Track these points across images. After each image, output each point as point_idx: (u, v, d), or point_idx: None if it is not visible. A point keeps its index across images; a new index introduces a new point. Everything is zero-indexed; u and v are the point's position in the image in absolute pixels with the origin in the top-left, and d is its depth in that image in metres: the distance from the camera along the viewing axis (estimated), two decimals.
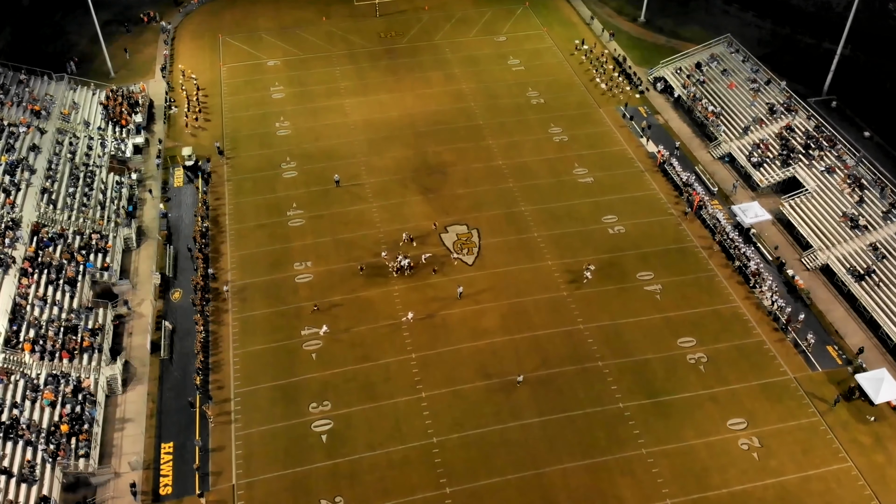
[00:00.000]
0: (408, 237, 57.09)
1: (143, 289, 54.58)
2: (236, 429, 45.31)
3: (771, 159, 63.09)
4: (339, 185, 62.52)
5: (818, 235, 56.35)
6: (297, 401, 46.63)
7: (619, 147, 68.45)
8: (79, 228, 56.94)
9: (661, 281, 54.54)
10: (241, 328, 51.31)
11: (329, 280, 54.46)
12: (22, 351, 47.06)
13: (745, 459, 43.22)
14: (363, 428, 44.97)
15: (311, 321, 51.29)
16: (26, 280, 51.16)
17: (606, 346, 49.59)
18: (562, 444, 43.84)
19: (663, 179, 64.47)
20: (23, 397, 44.75)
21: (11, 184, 57.42)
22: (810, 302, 52.83)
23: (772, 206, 60.76)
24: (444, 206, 61.05)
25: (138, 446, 44.64)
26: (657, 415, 45.46)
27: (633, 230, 59.16)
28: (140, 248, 58.12)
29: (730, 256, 56.25)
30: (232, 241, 57.97)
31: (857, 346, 49.59)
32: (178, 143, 67.68)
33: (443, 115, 72.08)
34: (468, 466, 42.83)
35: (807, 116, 64.81)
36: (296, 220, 59.96)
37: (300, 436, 44.74)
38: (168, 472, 43.22)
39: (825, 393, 46.97)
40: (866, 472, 42.68)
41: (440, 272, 54.69)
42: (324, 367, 48.53)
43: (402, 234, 57.34)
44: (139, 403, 47.20)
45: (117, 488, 42.51)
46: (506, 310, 52.07)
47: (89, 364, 48.19)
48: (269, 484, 42.44)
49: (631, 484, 41.89)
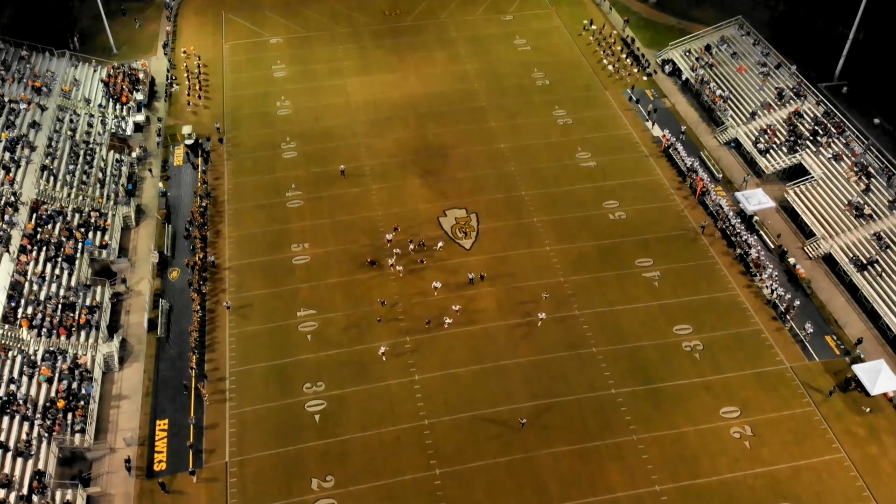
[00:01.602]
0: (416, 244, 55.06)
1: (142, 267, 54.79)
2: (230, 407, 45.62)
3: (777, 145, 62.09)
4: (345, 174, 61.69)
5: (822, 224, 55.55)
6: (292, 381, 46.82)
7: (623, 131, 67.61)
8: (78, 206, 57.15)
9: (660, 268, 54.05)
10: (237, 308, 51.47)
11: (326, 262, 54.37)
12: (20, 327, 47.47)
13: (736, 448, 43.01)
14: (356, 409, 45.12)
15: (305, 303, 51.38)
16: (25, 257, 51.50)
17: (601, 333, 49.31)
18: (553, 428, 43.79)
19: (667, 164, 63.68)
20: (20, 373, 45.20)
21: (11, 160, 57.58)
22: (811, 291, 52.23)
23: (777, 193, 59.89)
24: (443, 190, 60.64)
25: (134, 423, 45.09)
26: (649, 402, 45.26)
27: (635, 216, 58.56)
28: (139, 227, 58.29)
29: (731, 244, 55.61)
30: (230, 221, 57.98)
31: (856, 336, 49.04)
32: (178, 121, 67.60)
33: (445, 95, 71.43)
34: (458, 449, 42.94)
35: (816, 102, 63.65)
36: (294, 201, 59.83)
37: (293, 415, 44.98)
38: (163, 448, 43.62)
39: (821, 383, 46.55)
40: (859, 464, 42.36)
41: (441, 254, 54.37)
42: (318, 348, 48.64)
43: (409, 245, 55.12)
44: (135, 381, 47.60)
45: (112, 464, 43.01)
46: (502, 295, 51.85)
47: (86, 341, 48.58)
48: (261, 462, 42.76)
49: (620, 469, 41.85)
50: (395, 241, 55.11)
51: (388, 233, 55.53)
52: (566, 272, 53.66)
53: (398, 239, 55.31)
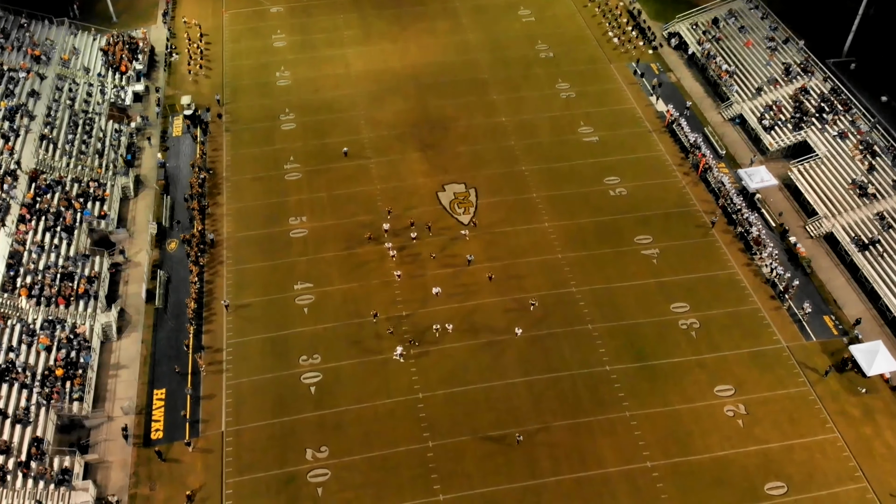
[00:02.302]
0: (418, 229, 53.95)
1: (140, 238, 54.87)
2: (227, 378, 45.97)
3: (783, 122, 61.19)
4: (347, 155, 60.64)
5: (825, 202, 54.93)
6: (288, 353, 47.05)
7: (627, 105, 66.77)
8: (77, 176, 57.10)
9: (659, 245, 53.70)
10: (234, 280, 51.59)
11: (323, 236, 54.27)
12: (19, 296, 47.75)
13: (729, 426, 43.09)
14: (351, 382, 45.38)
15: (302, 276, 51.40)
16: (24, 226, 51.62)
17: (598, 310, 49.20)
18: (545, 403, 43.97)
19: (670, 140, 62.95)
20: (19, 341, 45.56)
21: (10, 130, 57.43)
22: (811, 271, 51.85)
23: (780, 170, 59.17)
24: (442, 164, 60.21)
25: (131, 392, 45.55)
26: (643, 379, 45.30)
27: (635, 192, 58.05)
28: (138, 198, 58.27)
29: (732, 222, 55.15)
30: (228, 194, 57.88)
31: (854, 317, 48.73)
32: (178, 91, 67.17)
33: (447, 67, 70.57)
34: (452, 422, 43.19)
35: (823, 78, 62.55)
36: (292, 173, 59.57)
37: (289, 387, 45.30)
38: (160, 417, 44.09)
39: (817, 363, 46.42)
40: (852, 444, 42.38)
41: (434, 232, 54.14)
42: (315, 321, 48.77)
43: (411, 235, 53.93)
44: (133, 350, 47.95)
45: (110, 431, 43.54)
46: (499, 270, 51.67)
47: (85, 311, 48.86)
48: (257, 432, 43.17)
49: (612, 445, 42.05)
50: (391, 229, 54.03)
51: (385, 222, 54.35)
52: (564, 248, 53.38)
53: (395, 225, 54.28)
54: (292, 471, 41.23)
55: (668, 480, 40.42)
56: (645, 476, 40.68)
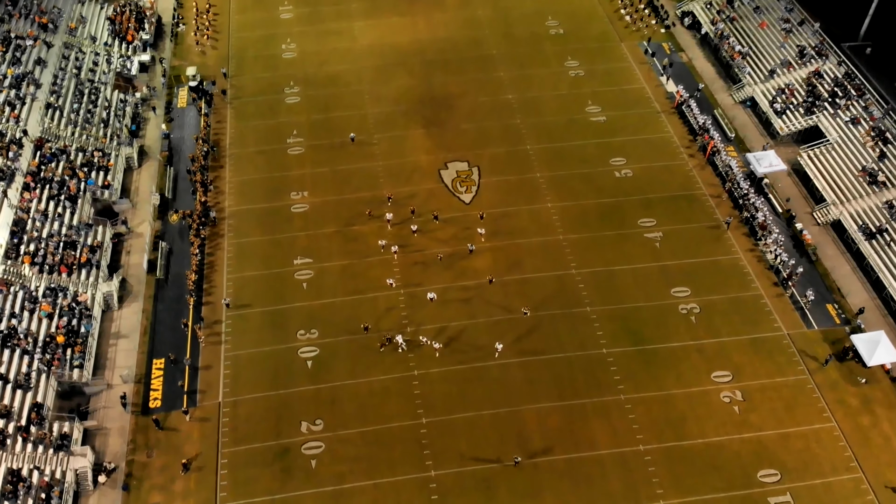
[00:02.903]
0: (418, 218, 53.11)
1: (143, 209, 55.06)
2: (225, 350, 46.26)
3: (794, 106, 60.05)
4: (355, 141, 59.44)
5: (833, 189, 54.04)
6: (286, 327, 47.22)
7: (637, 85, 65.79)
8: (81, 145, 57.23)
9: (662, 228, 53.14)
10: (235, 254, 51.70)
11: (324, 211, 54.17)
12: (22, 263, 48.17)
13: (725, 412, 42.88)
14: (347, 357, 45.50)
15: (302, 251, 51.40)
16: (28, 194, 51.88)
17: (597, 292, 48.89)
18: (540, 384, 43.93)
19: (679, 122, 62.05)
20: (21, 308, 46.00)
21: (17, 97, 57.54)
22: (816, 258, 51.19)
23: (790, 155, 58.22)
24: (446, 141, 59.75)
25: (131, 361, 45.97)
26: (640, 362, 45.08)
27: (641, 174, 57.38)
28: (141, 168, 58.38)
29: (738, 206, 54.47)
30: (231, 166, 57.83)
31: (858, 306, 48.13)
32: (184, 61, 66.90)
33: (454, 42, 69.75)
34: (446, 400, 43.30)
35: (837, 62, 61.20)
36: (295, 147, 59.36)
37: (286, 360, 45.53)
38: (158, 386, 44.50)
39: (818, 352, 45.97)
40: (849, 434, 42.02)
41: (441, 222, 53.72)
42: (314, 296, 48.87)
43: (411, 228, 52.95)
44: (133, 320, 48.33)
45: (109, 399, 44.04)
46: (498, 251, 51.40)
47: (87, 279, 49.22)
48: (253, 403, 43.54)
49: (605, 427, 42.00)
50: (393, 220, 52.87)
51: (387, 209, 53.41)
52: (566, 230, 52.97)
53: (395, 216, 53.13)
54: (287, 442, 41.57)
55: (660, 464, 40.38)
56: (637, 459, 40.64)
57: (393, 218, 52.74)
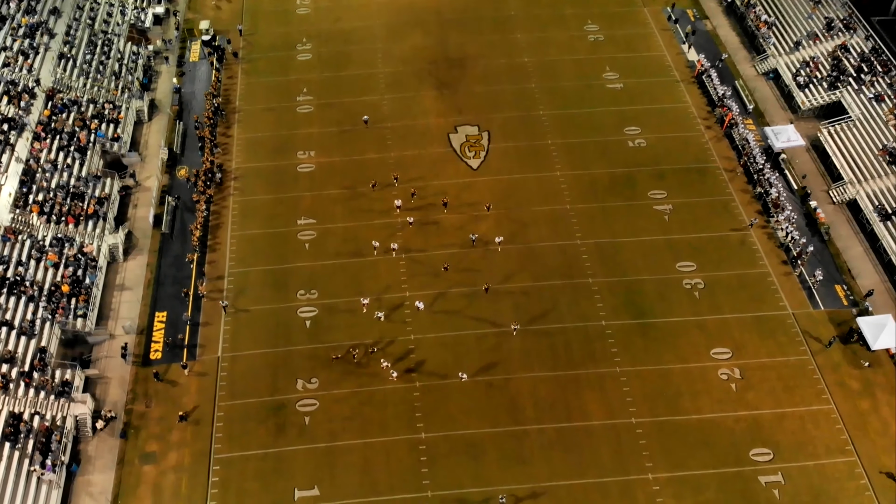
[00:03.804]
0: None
1: (151, 162, 55.25)
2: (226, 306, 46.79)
3: (818, 80, 58.07)
4: (368, 124, 57.07)
5: (852, 167, 52.44)
6: (286, 286, 47.45)
7: (657, 52, 64.03)
8: (93, 97, 57.32)
9: (672, 201, 52.15)
10: (240, 211, 51.81)
11: (330, 172, 53.92)
12: (30, 213, 48.75)
13: (721, 389, 42.48)
14: (345, 319, 45.68)
15: (306, 212, 51.28)
16: (38, 144, 52.28)
17: (600, 264, 48.32)
18: (536, 354, 43.81)
19: (698, 92, 60.42)
20: (28, 257, 46.68)
21: (30, 47, 57.59)
22: (828, 238, 49.97)
23: (810, 131, 56.51)
24: (457, 104, 58.85)
25: (133, 312, 46.62)
26: (639, 336, 44.67)
27: (655, 144, 56.15)
28: (151, 122, 58.46)
29: (752, 181, 53.18)
30: (240, 123, 57.63)
31: (868, 288, 47.07)
32: (198, 15, 66.33)
33: (473, 1, 68.03)
34: (440, 365, 43.38)
35: (865, 36, 58.85)
36: (304, 106, 58.90)
37: (286, 319, 45.85)
38: (159, 339, 45.13)
39: (822, 333, 45.14)
40: (847, 417, 41.46)
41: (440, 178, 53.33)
42: (315, 257, 48.90)
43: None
44: (138, 273, 48.89)
45: (111, 349, 44.82)
46: (503, 218, 50.83)
47: (93, 231, 49.75)
48: (251, 360, 44.06)
49: (598, 399, 41.88)
50: (403, 206, 51.10)
51: (396, 196, 51.70)
52: (574, 199, 52.20)
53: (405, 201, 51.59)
54: (282, 399, 42.11)
55: (651, 437, 40.28)
56: (628, 432, 40.56)
57: (402, 204, 51.07)
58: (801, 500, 38.26)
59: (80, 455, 40.15)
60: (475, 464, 39.37)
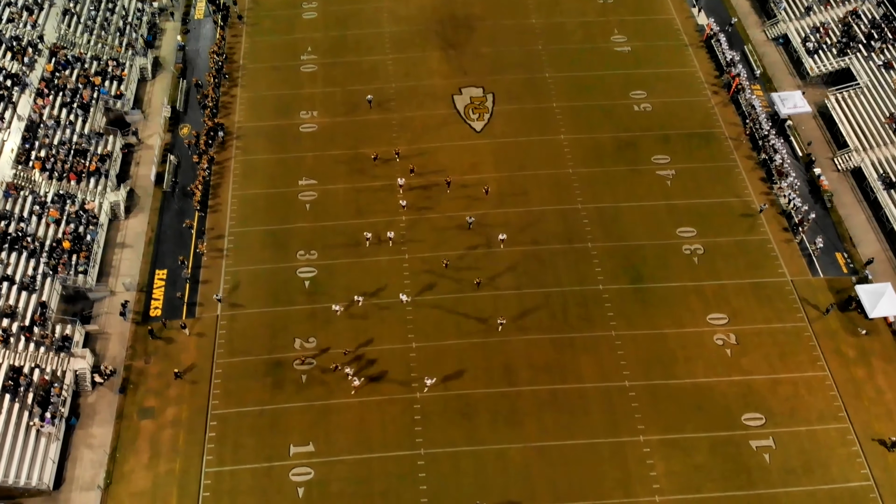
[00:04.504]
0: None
1: (154, 121, 55.20)
2: (226, 265, 47.01)
3: (827, 46, 56.90)
4: (371, 105, 55.47)
5: (857, 135, 51.66)
6: (286, 247, 47.66)
7: (666, 15, 62.89)
8: (96, 54, 57.10)
9: (676, 166, 51.72)
10: (242, 171, 51.83)
11: (332, 133, 53.72)
12: (32, 169, 48.99)
13: (716, 355, 42.59)
14: (344, 280, 45.92)
15: (308, 173, 51.19)
16: (41, 100, 52.28)
17: (601, 228, 48.16)
18: (531, 316, 43.99)
19: (707, 57, 59.44)
20: (30, 212, 47.07)
21: (35, 2, 57.25)
22: (831, 205, 49.49)
23: (817, 98, 55.59)
24: (463, 65, 58.16)
25: (134, 270, 47.06)
26: (636, 301, 44.72)
27: (661, 109, 55.50)
28: (155, 80, 58.25)
29: (757, 147, 52.53)
30: (243, 82, 57.32)
31: (869, 256, 46.73)
32: None
33: None
34: (437, 326, 43.71)
35: (877, 2, 57.57)
36: (308, 65, 58.45)
37: (285, 279, 46.16)
38: (159, 296, 45.64)
39: (820, 300, 45.02)
40: (841, 384, 41.54)
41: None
42: (316, 218, 49.00)
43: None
44: (139, 230, 49.21)
45: (111, 305, 45.36)
46: (504, 182, 50.62)
47: (95, 188, 50.00)
48: (250, 318, 44.49)
49: (592, 362, 42.15)
50: (406, 183, 50.28)
51: (401, 175, 50.69)
52: (576, 163, 51.83)
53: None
54: (280, 357, 42.62)
55: (643, 400, 40.59)
56: (621, 394, 40.87)
57: (405, 183, 50.21)
58: (792, 464, 38.61)
59: (79, 409, 40.94)
60: (468, 423, 39.87)
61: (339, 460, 38.61)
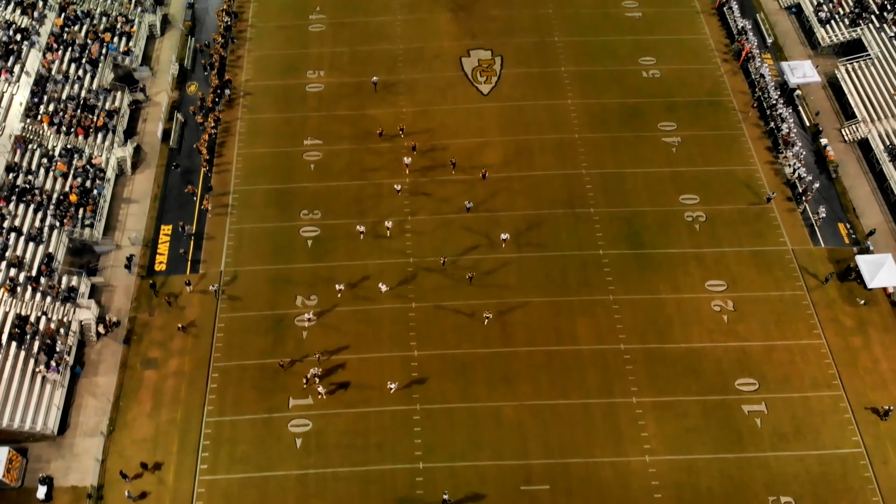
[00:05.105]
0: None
1: (162, 78, 55.38)
2: (230, 222, 47.52)
3: (840, 16, 56.02)
4: (377, 88, 54.44)
5: (866, 106, 51.10)
6: (290, 206, 48.06)
7: None
8: (105, 9, 57.14)
9: (682, 133, 51.48)
10: (247, 129, 52.07)
11: (339, 93, 53.76)
12: (41, 122, 49.46)
13: (713, 320, 42.84)
14: (346, 239, 46.33)
15: (313, 132, 51.33)
16: (50, 55, 52.55)
17: (603, 194, 48.20)
18: (531, 280, 44.32)
19: (718, 24, 58.73)
20: (38, 166, 47.69)
21: None
22: (836, 176, 49.20)
23: (827, 68, 54.91)
24: (472, 28, 57.83)
25: (140, 225, 47.65)
26: (635, 266, 44.91)
27: (669, 76, 55.06)
28: (163, 37, 58.31)
29: (764, 116, 52.13)
30: (251, 41, 57.28)
31: (871, 227, 46.56)
32: None
33: None
34: (436, 287, 44.15)
35: None
36: (317, 24, 58.26)
37: (288, 238, 46.62)
38: (164, 251, 46.30)
39: (819, 269, 45.05)
40: (837, 353, 41.74)
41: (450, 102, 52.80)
42: (320, 178, 49.29)
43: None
44: (145, 186, 49.72)
45: (117, 259, 46.08)
46: (510, 146, 50.63)
47: (103, 143, 50.44)
48: (252, 275, 45.11)
49: (589, 325, 42.53)
50: (411, 164, 49.67)
51: (406, 153, 50.26)
52: (582, 128, 51.69)
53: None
54: (281, 313, 43.27)
55: (638, 363, 41.03)
56: (616, 357, 41.31)
57: (410, 163, 49.74)
58: (783, 429, 39.03)
59: (84, 358, 41.85)
60: (463, 381, 40.51)
61: (337, 413, 39.43)
